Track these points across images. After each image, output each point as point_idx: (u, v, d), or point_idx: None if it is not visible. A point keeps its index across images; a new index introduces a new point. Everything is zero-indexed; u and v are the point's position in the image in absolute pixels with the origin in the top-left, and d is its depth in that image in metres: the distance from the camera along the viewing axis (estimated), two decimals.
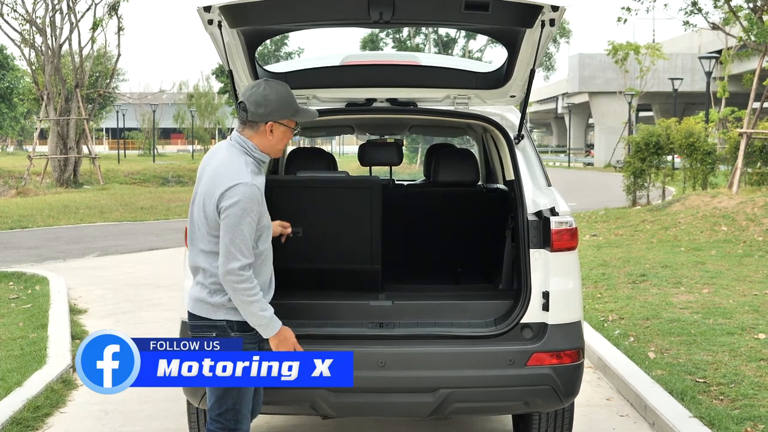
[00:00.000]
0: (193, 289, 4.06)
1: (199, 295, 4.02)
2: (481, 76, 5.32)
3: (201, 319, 4.02)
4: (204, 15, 4.34)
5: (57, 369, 7.07)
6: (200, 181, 4.02)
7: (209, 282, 3.97)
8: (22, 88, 57.76)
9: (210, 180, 3.91)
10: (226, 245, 3.81)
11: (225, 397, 4.00)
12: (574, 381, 4.64)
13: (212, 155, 4.07)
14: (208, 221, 3.90)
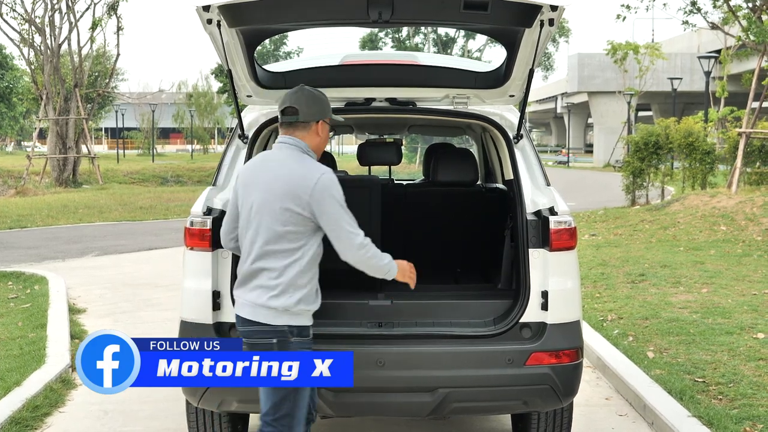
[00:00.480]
0: (249, 294, 4.02)
1: (259, 300, 3.97)
2: (480, 75, 5.32)
3: (259, 325, 3.97)
4: (203, 14, 4.34)
5: (56, 368, 7.06)
6: (255, 189, 4.02)
7: (274, 282, 3.95)
8: (21, 88, 57.80)
9: (285, 183, 3.95)
10: (340, 229, 3.97)
11: (282, 402, 3.96)
12: (573, 380, 4.64)
13: (264, 162, 4.10)
14: (283, 221, 3.94)
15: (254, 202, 4.03)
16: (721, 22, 22.62)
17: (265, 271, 3.99)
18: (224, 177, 4.95)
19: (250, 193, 4.05)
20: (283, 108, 4.07)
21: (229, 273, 4.62)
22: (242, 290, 4.07)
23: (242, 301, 4.06)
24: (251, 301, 4.01)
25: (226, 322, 4.61)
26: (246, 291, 4.04)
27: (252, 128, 5.10)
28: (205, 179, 39.70)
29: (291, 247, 3.97)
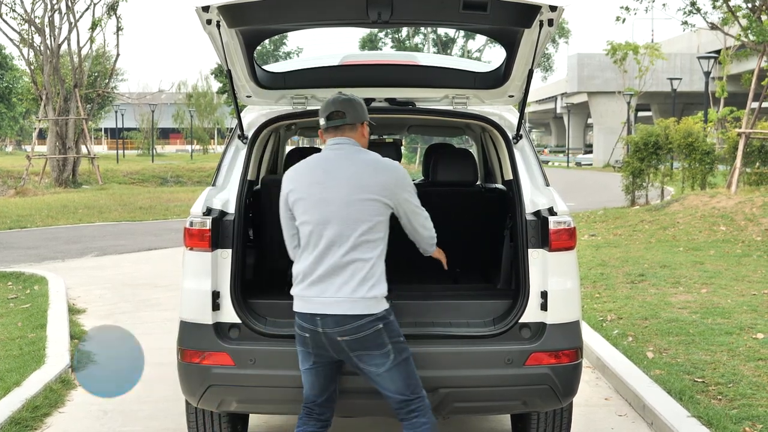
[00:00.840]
0: (340, 291, 4.03)
1: (354, 294, 4.01)
2: (479, 76, 5.33)
3: (362, 317, 4.01)
4: (202, 15, 4.34)
5: (56, 369, 7.07)
6: (331, 187, 4.08)
7: (370, 273, 4.04)
8: (20, 88, 57.80)
9: (369, 175, 4.10)
10: (416, 209, 4.29)
11: (411, 376, 4.16)
12: (573, 381, 4.64)
13: (326, 161, 4.14)
14: (371, 212, 4.07)
15: (334, 198, 4.07)
16: (721, 22, 22.63)
17: (358, 262, 4.04)
18: (224, 177, 4.95)
19: (324, 191, 4.09)
20: (329, 113, 4.17)
21: (229, 273, 4.62)
22: (323, 286, 4.06)
23: (334, 299, 4.04)
24: (346, 297, 4.02)
25: (225, 323, 4.61)
26: (332, 287, 4.04)
27: (251, 129, 5.10)
28: (204, 179, 39.71)
29: (378, 236, 4.10)
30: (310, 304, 4.08)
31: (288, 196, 4.21)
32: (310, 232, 4.12)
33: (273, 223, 5.22)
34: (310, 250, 4.11)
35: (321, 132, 4.27)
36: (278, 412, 5.35)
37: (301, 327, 4.13)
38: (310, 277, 4.09)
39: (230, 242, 4.65)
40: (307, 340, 4.12)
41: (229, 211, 4.73)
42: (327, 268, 4.06)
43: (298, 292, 4.13)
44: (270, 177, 5.75)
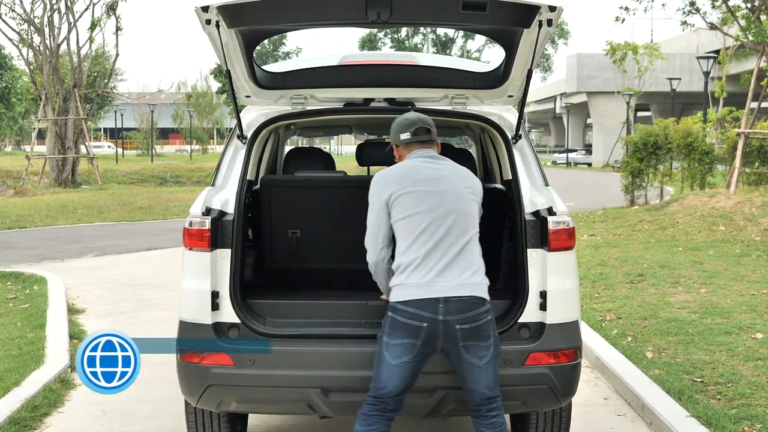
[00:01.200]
0: (461, 276, 4.17)
1: (472, 280, 4.21)
2: (478, 76, 5.33)
3: (482, 304, 4.23)
4: (202, 15, 4.35)
5: (55, 369, 7.06)
6: (439, 188, 4.29)
7: (479, 261, 4.30)
8: (20, 88, 57.78)
9: (467, 180, 4.42)
10: None
11: (497, 370, 4.29)
12: (572, 380, 4.65)
13: (424, 168, 4.35)
14: (475, 210, 4.37)
15: (449, 190, 4.28)
16: (720, 22, 22.63)
17: (473, 252, 4.25)
18: (223, 177, 4.95)
19: (437, 185, 4.27)
20: (416, 128, 4.41)
21: (228, 273, 4.62)
22: (446, 272, 4.16)
23: (452, 284, 4.15)
24: (466, 281, 4.18)
25: (225, 323, 4.61)
26: (453, 272, 4.17)
27: (251, 129, 5.10)
28: (204, 179, 39.70)
29: (477, 231, 4.33)
30: (432, 289, 4.13)
31: (390, 195, 4.29)
32: (423, 221, 4.22)
33: (272, 223, 5.22)
34: (424, 240, 4.20)
35: (399, 146, 4.46)
36: (277, 412, 5.36)
37: (417, 316, 4.13)
38: (429, 264, 4.17)
39: (229, 242, 4.65)
40: (419, 331, 4.12)
41: (229, 211, 4.73)
42: (448, 255, 4.19)
43: (416, 280, 4.16)
44: (269, 177, 5.75)
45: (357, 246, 5.23)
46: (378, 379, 4.22)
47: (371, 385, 4.25)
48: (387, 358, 4.18)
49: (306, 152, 6.33)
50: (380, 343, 4.24)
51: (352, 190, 5.29)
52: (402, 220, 4.26)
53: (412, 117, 4.46)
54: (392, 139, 4.50)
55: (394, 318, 4.19)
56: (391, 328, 4.19)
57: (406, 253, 4.23)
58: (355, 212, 5.20)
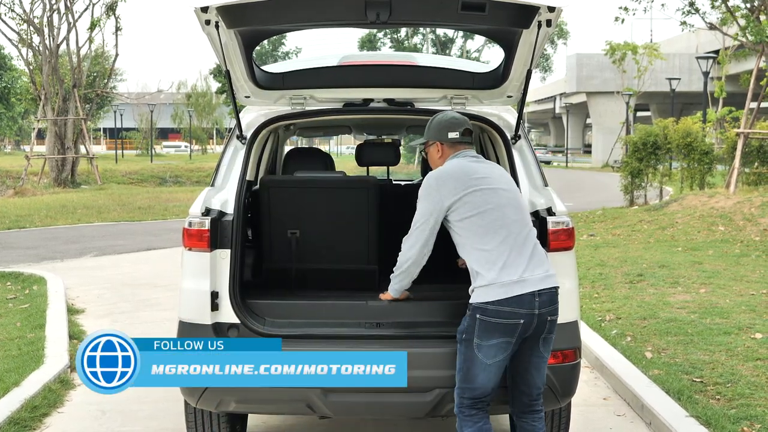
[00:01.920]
0: (542, 267, 4.21)
1: (551, 272, 4.27)
2: (478, 76, 5.33)
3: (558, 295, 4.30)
4: (201, 15, 4.35)
5: (55, 369, 7.07)
6: (497, 187, 4.29)
7: (545, 253, 4.35)
8: (19, 88, 57.72)
9: (511, 180, 4.45)
10: None
11: None
12: (571, 380, 4.65)
13: (477, 167, 4.35)
14: (527, 205, 4.47)
15: (505, 187, 4.32)
16: (719, 22, 22.64)
17: (540, 246, 4.30)
18: (222, 177, 4.95)
19: (493, 182, 4.29)
20: (464, 129, 4.43)
21: (228, 274, 4.63)
22: (531, 266, 4.18)
23: (540, 276, 4.19)
24: (548, 273, 4.22)
25: (224, 323, 4.61)
26: (535, 265, 4.19)
27: (250, 129, 5.11)
28: (203, 179, 39.70)
29: None
30: (527, 285, 4.13)
31: (455, 196, 4.25)
32: (497, 218, 4.21)
33: (271, 224, 5.22)
34: (504, 236, 4.20)
35: (444, 144, 4.43)
36: (277, 412, 5.36)
37: (515, 314, 4.12)
38: (517, 260, 4.16)
39: (229, 242, 4.66)
40: (516, 328, 4.13)
41: (228, 212, 4.73)
42: (527, 249, 4.21)
43: (510, 277, 4.13)
44: (269, 177, 5.75)
45: (356, 246, 5.24)
46: (473, 381, 4.21)
47: (464, 387, 4.25)
48: (482, 359, 4.17)
49: (305, 152, 6.33)
50: (468, 345, 4.20)
51: (351, 190, 5.29)
52: (472, 218, 4.23)
53: (461, 117, 4.48)
54: (435, 135, 4.45)
55: (485, 319, 4.14)
56: (485, 329, 4.14)
57: (485, 252, 4.19)
58: (354, 212, 5.21)
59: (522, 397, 4.35)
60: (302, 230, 5.19)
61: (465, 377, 4.23)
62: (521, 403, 4.36)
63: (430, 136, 4.49)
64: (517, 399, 4.38)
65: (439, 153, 4.45)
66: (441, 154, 4.45)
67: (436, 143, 4.46)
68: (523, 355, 4.26)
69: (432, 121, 4.49)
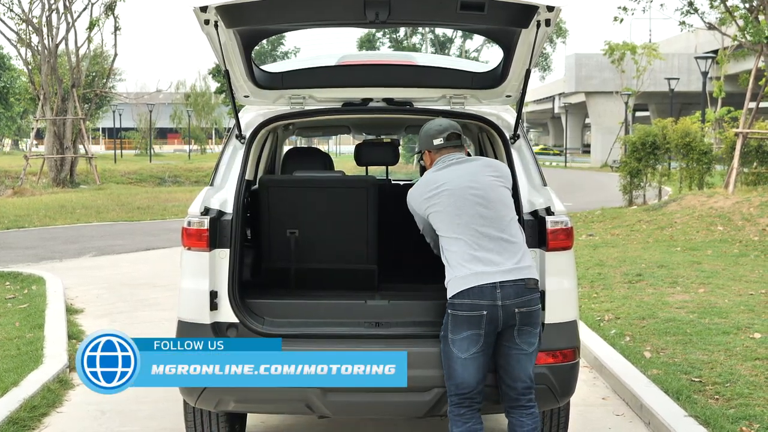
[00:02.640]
0: (521, 261, 4.28)
1: (531, 264, 4.37)
2: (477, 76, 5.33)
3: (534, 290, 4.34)
4: (200, 15, 4.35)
5: (53, 369, 7.06)
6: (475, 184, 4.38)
7: (525, 248, 4.41)
8: (18, 88, 57.72)
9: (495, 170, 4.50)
10: None
11: None
12: (570, 380, 4.65)
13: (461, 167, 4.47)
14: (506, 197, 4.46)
15: (460, 199, 4.36)
16: (718, 22, 22.65)
17: (517, 239, 4.37)
18: (221, 177, 4.95)
19: (448, 194, 4.37)
20: (449, 134, 4.54)
21: (227, 273, 4.63)
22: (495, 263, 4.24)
23: (503, 269, 4.24)
24: (516, 266, 4.27)
25: (223, 322, 4.61)
26: (498, 262, 4.25)
27: (249, 129, 5.11)
28: (202, 179, 39.69)
29: (515, 216, 4.47)
30: (486, 276, 4.22)
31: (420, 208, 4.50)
32: (449, 217, 4.35)
33: (270, 223, 5.22)
34: (457, 233, 4.32)
35: (431, 151, 4.58)
36: (276, 411, 5.35)
37: (477, 306, 4.18)
38: (477, 252, 4.27)
39: (228, 242, 4.66)
40: (480, 319, 4.18)
41: (227, 211, 4.74)
42: (497, 242, 4.28)
43: (466, 271, 4.23)
44: (268, 177, 5.75)
45: (355, 246, 5.24)
46: (453, 377, 4.29)
47: (448, 385, 4.32)
48: (456, 353, 4.24)
49: (304, 152, 6.33)
50: (444, 341, 4.30)
51: (350, 190, 5.29)
52: (436, 221, 4.43)
53: (444, 123, 4.60)
54: (423, 144, 4.62)
55: (453, 313, 4.25)
56: (454, 323, 4.25)
57: (450, 251, 4.33)
58: (353, 212, 5.21)
59: (509, 392, 4.37)
60: (301, 230, 5.19)
61: (447, 374, 4.32)
62: (509, 397, 4.39)
63: (420, 146, 4.70)
64: (504, 394, 4.41)
65: (429, 160, 4.62)
66: (429, 161, 4.62)
67: (425, 152, 4.63)
68: (502, 348, 4.31)
69: (420, 132, 4.67)
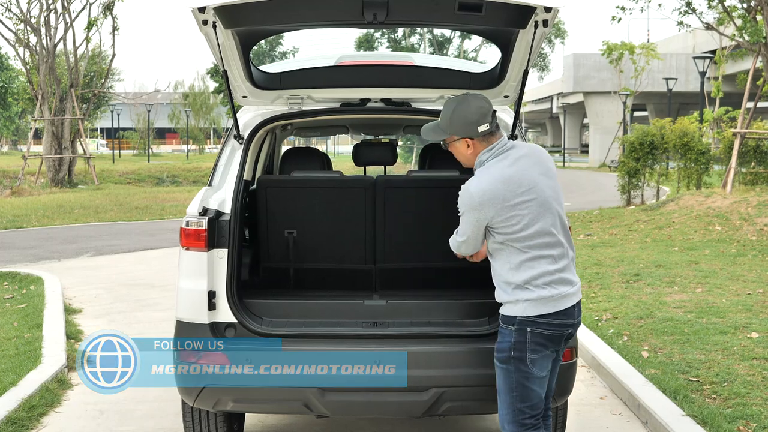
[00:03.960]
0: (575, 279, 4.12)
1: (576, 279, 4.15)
2: (474, 76, 5.34)
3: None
4: (198, 15, 4.35)
5: (52, 368, 7.07)
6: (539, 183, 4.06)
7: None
8: (16, 88, 57.71)
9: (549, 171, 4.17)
10: None
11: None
12: (568, 380, 4.66)
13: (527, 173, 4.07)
14: None
15: (560, 206, 4.17)
16: (716, 22, 22.67)
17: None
18: (220, 177, 4.96)
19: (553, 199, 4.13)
20: (492, 116, 4.08)
21: (225, 273, 4.64)
22: (575, 281, 4.10)
23: (578, 287, 4.12)
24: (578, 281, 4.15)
25: (221, 322, 4.62)
26: (574, 277, 4.11)
27: (247, 129, 5.11)
28: (200, 179, 39.68)
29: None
30: (572, 298, 4.09)
31: (489, 216, 4.07)
32: (537, 234, 4.07)
33: (269, 223, 5.23)
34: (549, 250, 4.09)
35: (473, 139, 4.10)
36: (274, 411, 5.36)
37: (564, 326, 4.06)
38: (562, 275, 4.07)
39: (226, 242, 4.67)
40: (563, 337, 4.10)
41: (225, 211, 4.74)
42: (566, 261, 4.09)
43: (555, 291, 4.02)
44: (266, 177, 5.76)
45: (353, 246, 5.25)
46: (531, 397, 4.05)
47: (522, 407, 4.05)
48: (536, 373, 4.03)
49: (302, 152, 6.34)
50: (517, 362, 4.03)
51: (348, 190, 5.30)
52: (519, 225, 4.05)
53: (486, 104, 4.08)
54: (463, 131, 4.09)
55: (536, 332, 4.00)
56: (535, 343, 4.01)
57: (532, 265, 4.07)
58: (351, 212, 5.21)
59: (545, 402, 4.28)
60: (299, 230, 5.19)
61: (519, 397, 4.04)
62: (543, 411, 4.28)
63: (455, 132, 4.12)
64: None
65: (470, 149, 4.14)
66: (472, 150, 4.14)
67: (464, 139, 4.13)
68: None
69: (453, 114, 4.10)
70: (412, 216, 5.37)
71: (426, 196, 5.39)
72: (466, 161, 4.24)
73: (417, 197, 5.40)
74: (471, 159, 4.19)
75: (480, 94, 4.16)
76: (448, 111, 4.12)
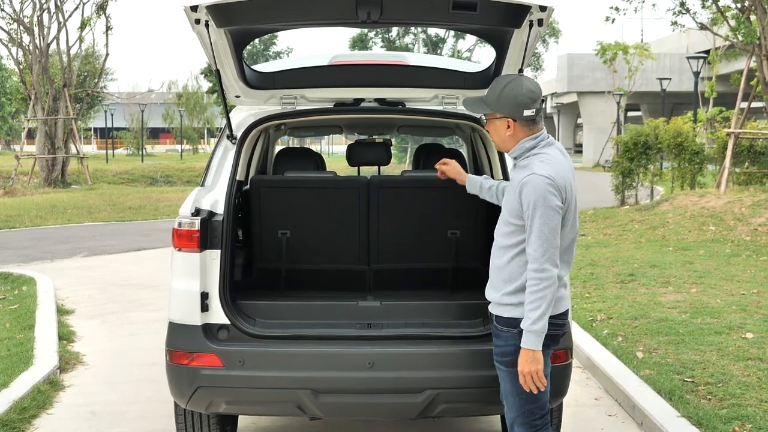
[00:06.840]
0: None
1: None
2: (469, 76, 5.32)
3: None
4: (191, 14, 4.33)
5: (44, 370, 7.03)
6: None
7: None
8: (9, 88, 57.60)
9: None
10: None
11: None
12: (563, 381, 4.64)
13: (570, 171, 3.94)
14: None
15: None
16: (710, 22, 22.69)
17: None
18: (213, 177, 4.93)
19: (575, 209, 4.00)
20: (539, 104, 3.90)
21: (218, 274, 4.61)
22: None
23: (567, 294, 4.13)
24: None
25: (214, 324, 4.59)
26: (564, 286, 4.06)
27: (240, 129, 5.09)
28: (194, 179, 39.63)
29: None
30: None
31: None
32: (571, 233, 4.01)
33: (262, 224, 5.20)
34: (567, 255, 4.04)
35: (516, 121, 3.90)
36: (267, 413, 5.33)
37: (562, 325, 4.07)
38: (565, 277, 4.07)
39: (219, 243, 4.64)
40: (557, 339, 4.10)
41: (218, 212, 4.71)
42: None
43: (568, 292, 4.12)
44: (259, 177, 5.73)
45: (347, 247, 5.22)
46: (540, 398, 3.98)
47: (532, 408, 3.99)
48: (545, 371, 4.00)
49: (296, 152, 6.31)
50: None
51: (342, 190, 5.28)
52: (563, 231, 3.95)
53: (537, 89, 3.90)
54: (508, 111, 3.91)
55: (554, 334, 4.00)
56: (553, 340, 4.02)
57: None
58: (345, 213, 5.19)
59: None
60: (293, 230, 5.17)
61: (532, 397, 3.95)
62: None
63: (500, 110, 3.95)
64: None
65: (510, 130, 3.93)
66: (512, 132, 3.92)
67: (506, 119, 3.94)
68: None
69: (503, 91, 3.92)
70: (406, 216, 5.34)
71: (420, 197, 5.36)
72: (501, 143, 4.02)
73: (411, 197, 5.37)
74: (507, 142, 3.97)
75: (533, 79, 3.99)
76: (498, 87, 3.94)
